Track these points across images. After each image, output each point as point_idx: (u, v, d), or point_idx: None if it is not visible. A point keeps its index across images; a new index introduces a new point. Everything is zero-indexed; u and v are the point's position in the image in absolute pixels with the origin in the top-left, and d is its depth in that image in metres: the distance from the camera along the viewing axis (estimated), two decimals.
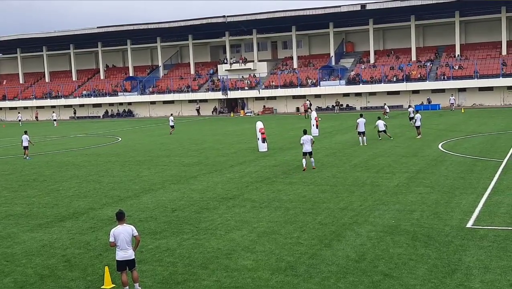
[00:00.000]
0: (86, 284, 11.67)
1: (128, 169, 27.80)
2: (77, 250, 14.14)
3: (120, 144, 41.39)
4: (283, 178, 22.99)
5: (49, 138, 49.45)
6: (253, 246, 13.72)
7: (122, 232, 10.95)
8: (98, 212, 18.33)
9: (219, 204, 18.58)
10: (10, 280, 12.09)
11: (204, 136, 44.65)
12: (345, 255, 12.66)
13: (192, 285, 11.31)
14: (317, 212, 16.83)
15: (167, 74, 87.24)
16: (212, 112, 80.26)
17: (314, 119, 40.85)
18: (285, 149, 32.98)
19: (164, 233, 15.32)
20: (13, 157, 35.19)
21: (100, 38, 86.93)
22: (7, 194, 22.27)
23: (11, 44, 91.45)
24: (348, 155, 29.03)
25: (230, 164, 27.85)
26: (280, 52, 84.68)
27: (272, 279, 11.40)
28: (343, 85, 72.55)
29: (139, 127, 60.45)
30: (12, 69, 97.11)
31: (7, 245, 14.84)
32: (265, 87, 76.87)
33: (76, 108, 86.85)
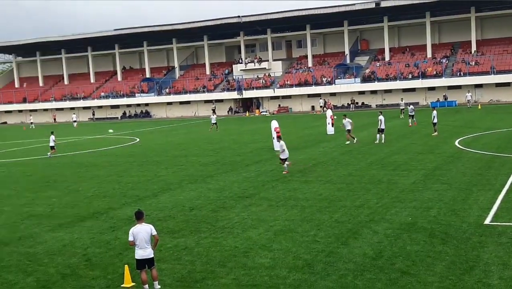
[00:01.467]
0: (107, 282, 11.88)
1: (146, 169, 28.07)
2: (97, 249, 14.37)
3: (138, 145, 41.74)
4: (299, 177, 23.07)
5: (67, 140, 49.99)
6: (270, 244, 13.84)
7: (141, 231, 11.14)
8: (118, 212, 18.57)
9: (236, 203, 18.73)
10: (33, 280, 12.34)
11: (220, 136, 44.84)
12: (362, 253, 12.73)
13: (211, 283, 11.46)
14: (333, 210, 16.91)
15: (183, 74, 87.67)
16: (228, 111, 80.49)
17: (329, 117, 40.84)
18: (300, 148, 33.04)
19: (182, 232, 15.50)
20: (34, 159, 35.66)
21: (117, 40, 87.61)
22: (29, 195, 22.63)
23: (31, 48, 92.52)
24: (364, 153, 29.02)
25: (246, 163, 28.00)
26: (294, 51, 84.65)
27: (290, 277, 11.51)
28: (358, 83, 72.34)
29: (156, 127, 60.84)
30: (32, 72, 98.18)
31: (30, 245, 15.12)
32: (280, 86, 76.90)
33: (95, 109, 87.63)
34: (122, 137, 49.36)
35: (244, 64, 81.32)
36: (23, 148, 44.53)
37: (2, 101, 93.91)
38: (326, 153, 29.82)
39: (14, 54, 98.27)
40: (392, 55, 76.05)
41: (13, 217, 18.70)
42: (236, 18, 77.43)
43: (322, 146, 33.04)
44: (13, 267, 13.31)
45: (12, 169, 31.01)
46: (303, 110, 75.91)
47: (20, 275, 12.66)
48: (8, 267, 13.29)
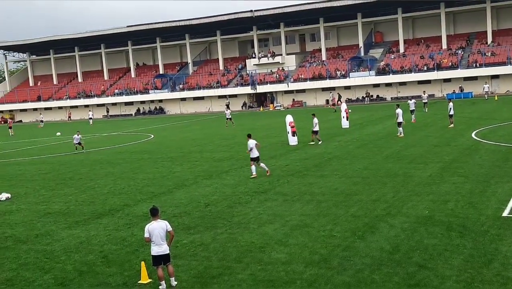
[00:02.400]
0: (124, 279, 11.90)
1: (161, 165, 28.13)
2: (114, 246, 14.42)
3: (152, 141, 41.87)
4: (314, 171, 22.98)
5: (84, 137, 50.28)
6: (286, 239, 13.79)
7: (157, 227, 11.14)
8: (133, 209, 18.63)
9: (251, 198, 18.69)
10: (50, 277, 12.41)
11: (234, 131, 44.82)
12: (379, 247, 12.64)
13: (227, 279, 11.44)
14: (349, 205, 16.81)
15: (196, 70, 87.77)
16: (242, 107, 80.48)
17: (344, 111, 40.65)
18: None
19: (198, 228, 15.50)
20: (49, 157, 35.90)
21: (130, 37, 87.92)
22: (45, 193, 22.77)
23: (44, 46, 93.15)
24: (379, 146, 28.84)
25: (261, 158, 27.91)
26: (308, 44, 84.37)
27: (306, 272, 11.46)
28: (373, 76, 71.96)
29: (171, 124, 60.98)
30: (46, 70, 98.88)
31: (47, 243, 15.21)
32: (294, 80, 76.71)
33: (109, 106, 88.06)
34: (136, 134, 49.54)
35: (257, 59, 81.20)
36: (38, 146, 44.83)
37: (17, 99, 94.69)
38: (341, 147, 29.67)
39: (28, 52, 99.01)
40: (406, 47, 75.50)
41: (30, 215, 18.82)
42: (249, 12, 77.32)
43: (337, 140, 32.89)
44: (31, 264, 13.40)
45: (28, 168, 31.24)
46: (317, 104, 75.67)
47: (38, 273, 12.74)
48: (26, 265, 13.38)
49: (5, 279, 12.44)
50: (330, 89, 73.97)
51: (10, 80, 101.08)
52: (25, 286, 11.94)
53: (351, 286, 10.54)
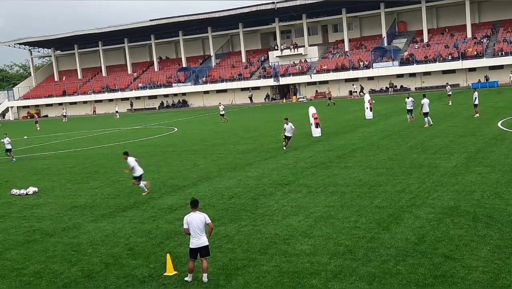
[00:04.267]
0: (149, 271, 12.01)
1: (185, 158, 28.28)
2: (139, 238, 14.55)
3: (176, 134, 42.10)
4: (338, 163, 22.89)
5: (107, 131, 50.79)
6: (310, 231, 13.77)
7: (195, 219, 11.10)
8: (158, 201, 18.76)
9: (275, 190, 18.69)
10: (78, 269, 12.58)
11: (257, 123, 44.85)
12: (404, 238, 12.56)
13: (252, 270, 11.48)
14: (374, 196, 16.72)
15: (219, 63, 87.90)
16: (265, 99, 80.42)
17: (367, 102, 40.37)
18: (339, 133, 32.78)
19: (222, 220, 15.56)
20: (74, 151, 36.34)
21: (153, 30, 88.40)
22: (71, 186, 23.07)
23: (68, 41, 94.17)
24: (403, 137, 28.60)
25: (284, 150, 27.92)
26: (331, 35, 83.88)
27: (331, 263, 11.44)
28: (397, 66, 71.29)
29: (194, 117, 61.21)
30: (70, 65, 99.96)
31: (73, 236, 15.42)
32: (317, 72, 76.37)
33: (133, 100, 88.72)
34: (160, 127, 49.85)
35: (280, 51, 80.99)
36: (63, 140, 45.39)
37: (42, 94, 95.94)
38: (365, 138, 29.50)
39: (53, 48, 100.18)
40: (430, 36, 74.61)
41: (57, 208, 19.09)
42: (271, 4, 77.08)
43: (360, 131, 32.70)
44: (58, 257, 13.59)
45: (54, 162, 31.66)
46: (340, 95, 75.27)
47: (65, 265, 12.93)
48: (54, 257, 13.58)
49: (33, 272, 12.65)
50: (353, 80, 73.49)
51: (35, 76, 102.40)
52: (53, 279, 12.12)
53: (376, 277, 10.50)
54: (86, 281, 11.80)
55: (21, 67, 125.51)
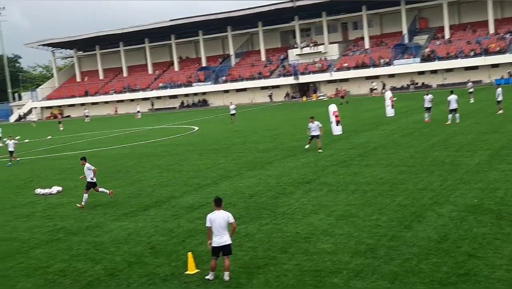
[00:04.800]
0: (171, 270, 12.08)
1: (205, 157, 28.38)
2: (161, 237, 14.65)
3: (196, 134, 42.27)
4: (359, 161, 22.79)
5: (128, 131, 51.18)
6: (331, 229, 13.74)
7: (218, 217, 11.11)
8: (179, 200, 18.86)
9: (296, 189, 18.67)
10: (101, 267, 12.71)
11: (277, 122, 44.82)
12: (426, 236, 12.46)
13: (273, 269, 11.48)
14: (395, 194, 16.61)
15: (238, 62, 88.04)
16: (285, 97, 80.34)
17: (389, 99, 40.10)
18: (359, 131, 32.62)
19: (243, 218, 15.58)
20: (97, 150, 36.68)
21: (173, 30, 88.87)
22: None
23: (90, 42, 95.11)
24: (425, 134, 28.36)
25: (305, 148, 27.86)
26: (351, 33, 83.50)
27: (352, 262, 11.40)
28: (418, 63, 70.73)
29: (214, 116, 61.38)
30: (92, 66, 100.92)
31: (96, 234, 15.58)
32: (337, 70, 76.07)
33: (154, 100, 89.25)
34: (181, 127, 50.08)
35: (299, 49, 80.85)
36: (85, 140, 45.84)
37: (65, 95, 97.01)
38: (387, 136, 29.32)
39: (75, 49, 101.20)
40: (452, 32, 73.85)
41: (80, 207, 19.27)
42: (290, 2, 76.97)
43: (382, 129, 32.51)
44: (82, 255, 13.75)
45: (77, 161, 31.86)
46: (361, 92, 74.87)
47: (89, 263, 13.06)
48: (77, 256, 13.74)
49: (58, 270, 12.81)
50: (374, 77, 73.04)
51: (58, 76, 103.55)
52: (77, 277, 12.26)
53: (398, 276, 10.44)
54: (109, 279, 11.92)
55: (44, 68, 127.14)
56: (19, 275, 12.76)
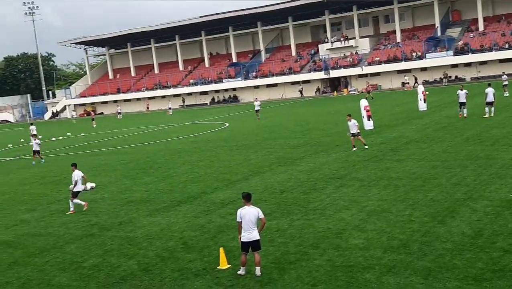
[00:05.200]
0: (203, 265, 12.18)
1: (236, 153, 28.47)
2: (193, 232, 14.76)
3: (227, 130, 42.42)
4: (391, 156, 22.58)
5: (160, 127, 51.64)
6: (363, 225, 13.66)
7: (248, 213, 11.18)
8: (211, 196, 18.97)
9: (327, 184, 18.60)
10: (134, 263, 12.87)
11: (308, 117, 44.68)
12: (460, 232, 12.30)
13: (304, 264, 11.48)
14: (428, 189, 16.42)
15: (269, 57, 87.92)
16: (315, 92, 79.99)
17: (421, 93, 39.57)
18: (391, 126, 32.31)
19: (274, 214, 15.60)
20: (129, 147, 37.12)
21: (203, 27, 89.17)
22: (127, 182, 23.58)
23: (122, 40, 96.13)
24: (459, 128, 27.93)
25: (335, 143, 27.73)
26: (382, 26, 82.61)
27: (385, 258, 11.31)
28: (451, 56, 69.59)
29: (245, 112, 61.47)
30: (124, 63, 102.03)
31: (130, 230, 15.78)
32: (368, 64, 75.38)
33: (185, 96, 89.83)
34: (211, 123, 50.32)
35: (330, 43, 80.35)
36: (118, 137, 46.41)
37: (98, 92, 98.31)
38: (419, 130, 28.97)
39: (107, 46, 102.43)
40: (486, 24, 72.43)
41: (113, 203, 19.56)
42: None
43: (414, 123, 32.13)
44: (115, 251, 13.95)
45: (110, 157, 32.42)
46: (393, 87, 74.08)
47: (122, 259, 13.25)
48: (111, 251, 13.94)
49: (92, 265, 13.03)
50: (406, 71, 72.17)
51: (91, 74, 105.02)
52: (110, 271, 12.45)
53: (432, 272, 10.33)
54: (142, 274, 12.07)
55: (78, 66, 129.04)
56: (55, 269, 13.02)
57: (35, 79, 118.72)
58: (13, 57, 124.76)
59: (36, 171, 30.14)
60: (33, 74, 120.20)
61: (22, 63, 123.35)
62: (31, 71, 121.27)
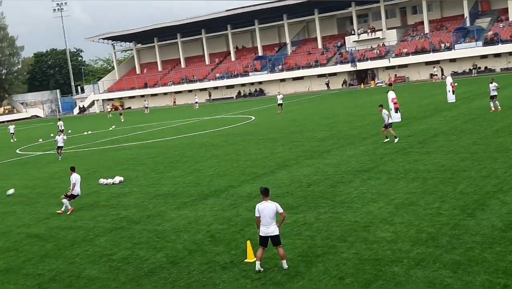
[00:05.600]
0: (230, 258, 12.24)
1: (262, 146, 28.49)
2: (220, 225, 14.85)
3: (253, 123, 42.46)
4: (419, 148, 22.35)
5: (187, 121, 51.92)
6: (391, 218, 13.57)
7: (266, 207, 11.23)
8: (237, 189, 19.03)
9: (354, 177, 18.51)
10: (162, 255, 13.01)
11: (335, 110, 44.46)
12: (490, 225, 12.14)
13: (332, 257, 11.46)
14: (457, 181, 16.22)
15: (295, 50, 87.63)
16: (342, 85, 79.51)
17: (449, 84, 39.05)
18: (419, 118, 31.96)
19: (301, 207, 15.60)
20: (157, 141, 37.43)
21: (229, 20, 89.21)
22: (155, 176, 23.80)
23: (148, 34, 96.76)
24: (488, 120, 27.50)
25: (363, 136, 27.56)
26: (409, 17, 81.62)
27: (413, 251, 11.23)
28: (480, 47, 68.44)
29: (271, 105, 61.40)
30: (151, 58, 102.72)
31: (158, 223, 15.94)
32: (395, 56, 74.60)
33: (211, 90, 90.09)
34: (238, 117, 50.41)
35: (357, 35, 79.71)
36: (145, 131, 46.81)
37: (125, 87, 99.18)
38: (448, 122, 28.61)
39: (134, 41, 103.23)
40: None
41: (142, 197, 19.77)
42: None
43: (443, 115, 31.74)
44: (144, 244, 14.10)
45: (138, 152, 32.73)
46: (420, 78, 73.22)
47: (151, 251, 13.39)
48: (140, 244, 14.10)
49: (121, 257, 13.20)
50: (434, 62, 71.25)
51: (118, 69, 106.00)
52: (139, 264, 12.60)
53: (461, 265, 10.22)
54: (170, 266, 12.19)
55: (105, 61, 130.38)
56: (85, 262, 13.23)
57: (64, 74, 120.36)
58: (42, 53, 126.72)
59: (65, 165, 30.54)
60: (62, 70, 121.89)
61: (51, 58, 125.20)
62: (60, 66, 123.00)
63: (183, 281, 11.30)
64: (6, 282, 12.57)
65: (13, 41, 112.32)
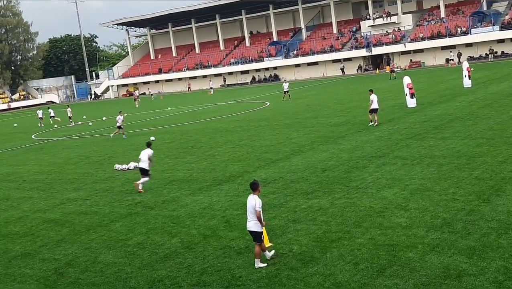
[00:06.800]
0: (245, 243, 12.29)
1: (277, 132, 28.47)
2: (235, 211, 14.90)
3: (268, 109, 42.40)
4: (434, 134, 22.20)
5: (202, 107, 51.98)
6: (406, 203, 13.52)
7: (249, 202, 11.11)
8: (252, 175, 19.03)
9: (369, 163, 18.45)
10: (177, 240, 13.09)
11: (350, 96, 44.25)
12: (506, 211, 12.05)
13: (347, 243, 11.46)
14: (473, 167, 16.11)
15: (309, 35, 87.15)
16: (357, 70, 79.01)
17: (466, 69, 38.65)
18: (435, 103, 31.71)
19: (316, 193, 15.60)
20: (171, 127, 37.54)
21: (243, 5, 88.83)
22: (169, 161, 23.91)
23: (162, 20, 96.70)
24: (505, 105, 27.20)
25: (379, 121, 27.39)
26: (425, 2, 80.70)
27: (428, 236, 11.20)
28: (497, 31, 67.56)
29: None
30: (165, 43, 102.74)
31: (173, 208, 16.03)
32: (411, 40, 73.91)
33: (226, 76, 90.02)
34: (252, 102, 50.35)
35: (372, 20, 79.05)
36: (160, 117, 46.94)
37: (140, 73, 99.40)
38: (463, 108, 28.36)
39: (148, 27, 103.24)
40: None
41: (157, 182, 19.86)
42: None
43: (458, 100, 31.46)
44: (159, 229, 14.20)
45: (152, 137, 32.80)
46: (436, 63, 72.53)
47: (166, 237, 13.49)
48: (155, 229, 14.21)
49: (136, 243, 13.31)
50: (450, 47, 70.50)
51: (133, 55, 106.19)
52: (155, 249, 12.70)
53: (476, 251, 10.18)
54: (185, 252, 12.27)
55: (119, 47, 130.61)
56: (101, 247, 13.36)
57: (79, 60, 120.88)
58: (57, 39, 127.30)
59: (80, 151, 30.83)
60: (77, 56, 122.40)
61: (66, 44, 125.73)
62: (75, 52, 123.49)
63: (198, 266, 11.38)
64: (23, 266, 12.74)
65: (28, 26, 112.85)
